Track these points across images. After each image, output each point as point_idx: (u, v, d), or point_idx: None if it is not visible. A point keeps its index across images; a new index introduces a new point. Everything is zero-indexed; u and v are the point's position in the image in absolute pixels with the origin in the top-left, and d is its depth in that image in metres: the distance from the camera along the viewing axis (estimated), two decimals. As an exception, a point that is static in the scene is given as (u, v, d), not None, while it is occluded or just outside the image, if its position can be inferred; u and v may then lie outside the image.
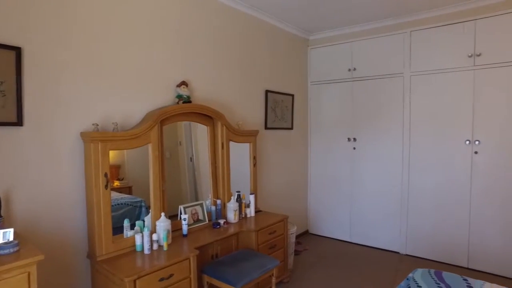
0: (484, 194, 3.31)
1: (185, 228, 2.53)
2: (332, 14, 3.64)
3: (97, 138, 2.04)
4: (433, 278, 1.87)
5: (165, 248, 2.21)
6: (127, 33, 2.38)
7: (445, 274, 1.91)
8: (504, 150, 3.20)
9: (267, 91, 3.73)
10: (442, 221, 3.55)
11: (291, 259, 3.38)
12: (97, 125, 2.12)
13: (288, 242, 3.21)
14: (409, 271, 3.34)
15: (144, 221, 2.34)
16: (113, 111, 2.31)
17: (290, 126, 4.15)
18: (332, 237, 4.36)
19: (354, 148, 4.13)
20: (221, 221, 2.83)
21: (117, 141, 2.15)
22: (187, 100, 2.70)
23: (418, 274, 1.93)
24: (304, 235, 4.46)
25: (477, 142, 3.32)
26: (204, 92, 2.98)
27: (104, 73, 2.25)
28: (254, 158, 3.34)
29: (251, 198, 3.16)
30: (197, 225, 2.72)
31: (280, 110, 3.96)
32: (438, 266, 3.45)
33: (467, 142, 3.37)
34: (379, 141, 3.94)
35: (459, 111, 3.41)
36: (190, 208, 2.75)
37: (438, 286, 1.77)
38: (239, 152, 3.22)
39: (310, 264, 3.56)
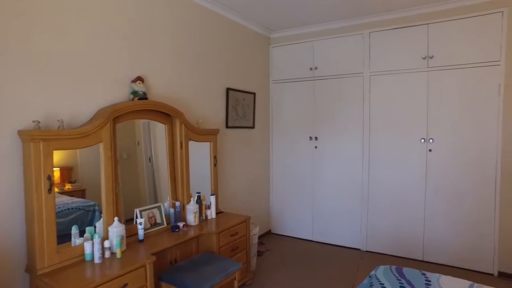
0: (437, 190, 3.47)
1: (141, 233, 2.36)
2: (292, 13, 3.63)
3: (37, 137, 1.83)
4: (394, 275, 1.89)
5: (118, 255, 2.04)
6: (75, 19, 2.17)
7: (405, 270, 1.94)
8: (454, 148, 3.37)
9: (228, 89, 3.63)
10: (400, 217, 3.67)
11: (254, 260, 3.32)
12: (39, 122, 1.90)
13: (250, 243, 3.13)
14: (370, 267, 3.42)
15: (95, 227, 2.15)
16: (59, 107, 2.09)
17: (251, 125, 4.08)
18: (294, 236, 4.36)
19: (316, 147, 4.15)
20: (180, 224, 2.69)
21: (62, 140, 1.94)
22: (143, 97, 2.53)
23: (380, 272, 1.95)
24: (267, 235, 4.42)
25: (431, 141, 3.47)
26: (162, 89, 2.82)
27: (46, 63, 2.03)
28: (215, 157, 3.23)
29: (212, 199, 3.05)
30: (154, 229, 2.56)
31: (241, 108, 3.88)
32: (396, 261, 3.56)
33: (422, 140, 3.51)
34: (340, 140, 3.99)
35: (414, 111, 3.54)
36: (147, 212, 2.58)
37: (400, 283, 1.78)
38: (199, 152, 3.09)
39: (273, 265, 3.52)
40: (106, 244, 2.03)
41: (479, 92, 3.25)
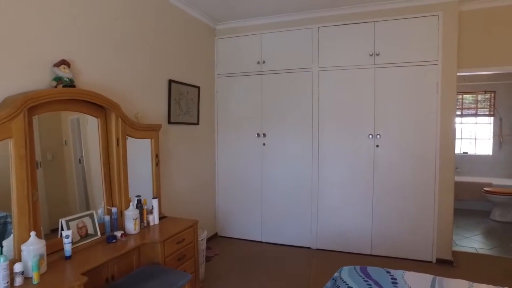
0: (384, 184, 3.54)
1: (68, 248, 1.95)
2: (239, 3, 3.43)
3: None
4: (360, 276, 1.79)
5: (35, 280, 1.61)
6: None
7: (370, 269, 1.86)
8: (399, 143, 3.47)
9: (170, 81, 3.29)
10: (349, 213, 3.68)
11: (202, 268, 3.04)
12: None
13: (198, 250, 2.85)
14: (323, 266, 3.36)
15: (2, 246, 1.69)
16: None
17: (196, 121, 3.78)
18: (243, 238, 4.16)
19: (264, 144, 4.00)
20: (118, 234, 2.31)
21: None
22: (70, 84, 2.11)
23: (345, 273, 1.83)
24: (214, 239, 4.15)
25: (378, 136, 3.53)
26: (93, 76, 2.40)
27: None
28: (157, 156, 2.88)
29: (154, 203, 2.70)
30: (85, 242, 2.15)
31: (185, 103, 3.56)
32: (346, 257, 3.57)
33: (370, 136, 3.56)
34: (289, 137, 3.89)
35: (363, 107, 3.57)
36: (76, 221, 2.16)
37: (367, 284, 1.68)
38: (138, 150, 2.72)
39: (223, 271, 3.28)
40: (17, 267, 1.59)
41: (420, 89, 3.38)
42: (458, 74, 3.32)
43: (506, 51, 3.42)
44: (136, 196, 2.58)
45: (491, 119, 5.93)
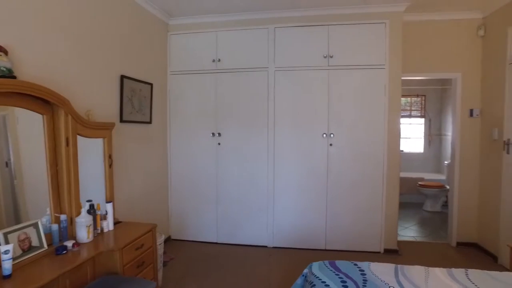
0: (337, 182, 3.70)
1: (7, 265, 1.69)
2: (198, -3, 3.33)
3: None
4: (331, 270, 1.84)
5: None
6: None
7: (338, 263, 1.92)
8: (351, 142, 3.65)
9: (123, 77, 3.07)
10: (304, 210, 3.78)
11: (160, 274, 2.88)
12: None
13: (157, 255, 2.70)
14: (280, 263, 3.41)
15: None
16: None
17: (148, 120, 3.58)
18: (198, 240, 4.04)
19: (219, 144, 3.93)
20: (69, 244, 2.08)
21: None
22: (8, 75, 1.84)
23: (316, 268, 1.87)
24: (167, 243, 3.96)
25: (332, 135, 3.68)
26: (37, 67, 2.13)
27: None
28: (110, 157, 2.67)
29: (109, 207, 2.50)
30: (29, 256, 1.90)
31: (137, 100, 3.35)
32: (302, 253, 3.66)
33: (324, 135, 3.69)
34: (244, 136, 3.87)
35: (317, 106, 3.69)
36: (17, 233, 1.90)
37: (339, 277, 1.73)
38: (87, 151, 2.48)
39: (180, 275, 3.14)
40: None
41: (370, 91, 3.60)
42: (402, 78, 3.61)
43: (436, 59, 3.82)
44: (87, 201, 2.35)
45: (423, 120, 6.57)
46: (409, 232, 4.48)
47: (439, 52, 3.82)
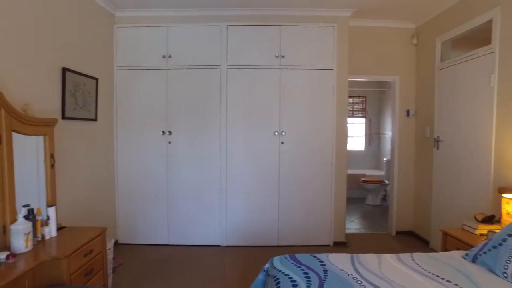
0: (289, 179, 3.80)
1: None
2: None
3: None
4: (292, 263, 1.89)
5: None
6: None
7: (299, 256, 1.97)
8: (302, 140, 3.78)
9: (65, 69, 2.82)
10: (257, 207, 3.82)
11: (109, 280, 2.70)
12: None
13: (107, 261, 2.53)
14: (235, 262, 3.40)
15: None
16: None
17: (93, 117, 3.34)
18: (147, 243, 3.87)
19: (170, 142, 3.81)
20: (2, 256, 1.85)
21: None
22: None
23: (277, 263, 1.90)
24: (115, 247, 3.72)
25: (283, 133, 3.77)
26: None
27: None
28: (52, 156, 2.43)
29: (51, 211, 2.28)
30: (-44, 270, 1.65)
31: (81, 96, 3.11)
32: (257, 250, 3.69)
33: (276, 133, 3.77)
34: (196, 134, 3.80)
35: (269, 105, 3.76)
36: None
37: (301, 269, 1.78)
38: (25, 150, 2.24)
39: (131, 281, 2.98)
40: None
41: (319, 91, 3.76)
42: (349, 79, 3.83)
43: (377, 63, 4.13)
44: (24, 206, 2.12)
45: (363, 120, 7.04)
46: (354, 225, 4.76)
47: (380, 56, 4.13)
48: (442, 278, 1.69)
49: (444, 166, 3.53)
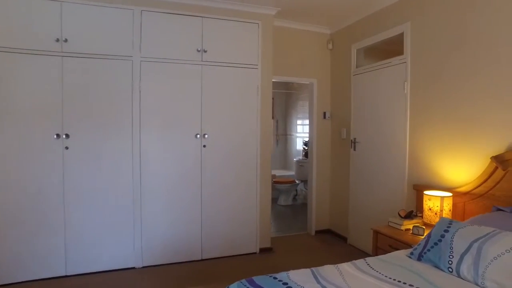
0: (212, 185, 3.49)
1: None
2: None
3: None
4: (253, 289, 1.61)
5: None
6: None
7: (257, 280, 1.71)
8: (225, 143, 3.51)
9: None
10: (178, 219, 3.39)
11: None
12: None
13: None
14: (153, 285, 2.93)
15: None
16: None
17: None
18: (37, 278, 3.00)
19: (67, 148, 3.06)
20: None
21: None
22: None
23: (236, 292, 1.60)
24: (-15, 290, 2.79)
25: (205, 136, 3.43)
26: None
27: None
28: None
29: None
30: None
31: None
32: (178, 268, 3.28)
33: (197, 136, 3.41)
34: (101, 137, 3.14)
35: (190, 105, 3.38)
36: None
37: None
38: None
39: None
40: None
41: (244, 91, 3.56)
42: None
43: (297, 64, 4.18)
44: None
45: (272, 121, 7.16)
46: (273, 228, 4.73)
47: (300, 58, 4.18)
48: (404, 283, 1.67)
49: (360, 166, 3.76)
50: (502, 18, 2.30)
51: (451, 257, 1.80)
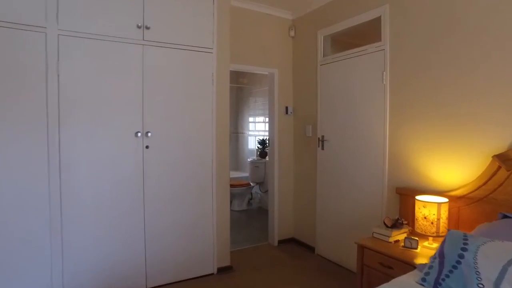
0: (158, 194, 2.81)
1: None
2: None
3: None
4: None
5: None
6: None
7: None
8: (173, 142, 2.85)
9: None
10: (114, 239, 2.65)
11: None
12: None
13: None
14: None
15: None
16: None
17: None
18: None
19: None
20: None
21: None
22: None
23: None
24: None
25: (148, 134, 2.74)
26: None
27: None
28: None
29: None
30: None
31: None
32: (115, 305, 2.54)
33: (138, 134, 2.70)
34: (4, 136, 2.29)
35: (128, 94, 2.66)
36: None
37: None
38: None
39: None
40: None
41: (196, 79, 2.94)
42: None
43: (255, 52, 3.66)
44: None
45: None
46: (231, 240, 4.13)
47: (259, 45, 3.66)
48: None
49: (330, 167, 3.35)
50: (502, -3, 2.01)
51: (481, 286, 1.42)
